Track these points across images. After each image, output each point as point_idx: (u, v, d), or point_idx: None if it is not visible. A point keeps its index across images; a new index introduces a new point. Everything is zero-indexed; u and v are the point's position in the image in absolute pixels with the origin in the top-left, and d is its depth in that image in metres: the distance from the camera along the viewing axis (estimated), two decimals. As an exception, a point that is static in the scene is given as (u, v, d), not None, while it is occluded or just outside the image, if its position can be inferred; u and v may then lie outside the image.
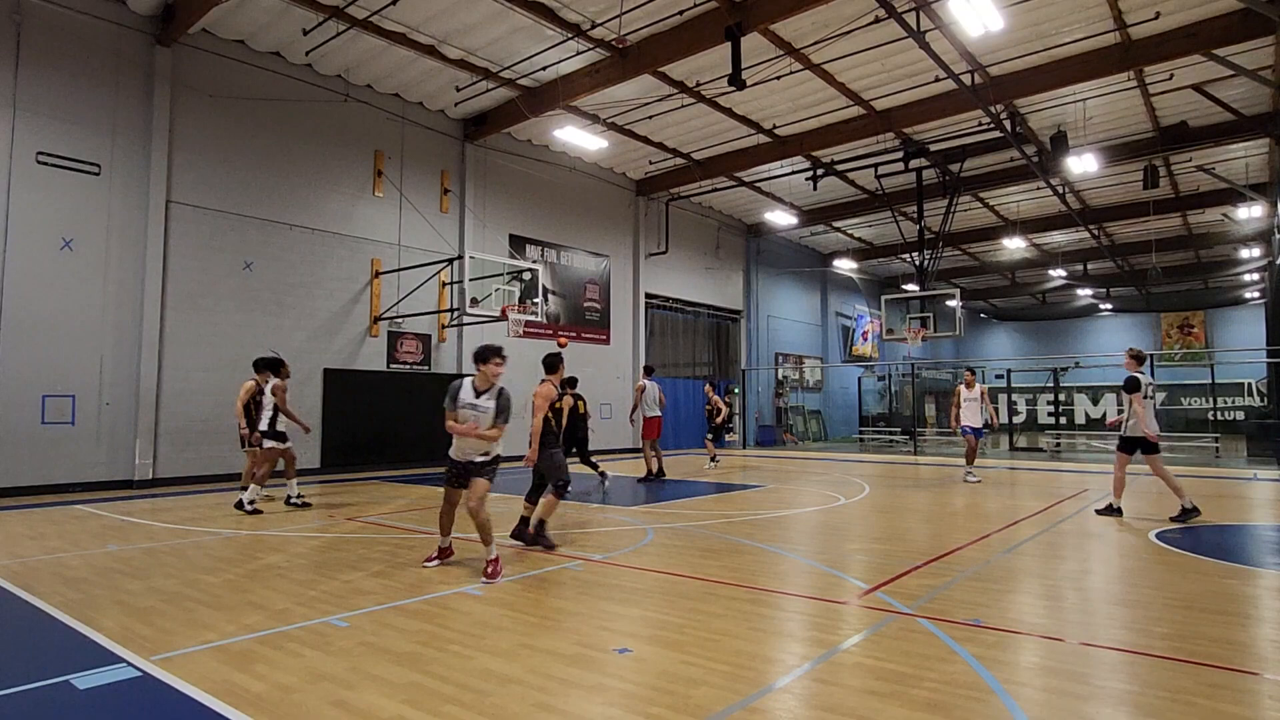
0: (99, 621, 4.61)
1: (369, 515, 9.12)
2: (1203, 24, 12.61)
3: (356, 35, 13.18)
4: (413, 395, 15.97)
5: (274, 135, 14.02)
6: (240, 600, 5.14)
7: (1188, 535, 7.67)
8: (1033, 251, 29.73)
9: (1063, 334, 41.88)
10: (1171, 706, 3.32)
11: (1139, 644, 4.18)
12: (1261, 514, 9.26)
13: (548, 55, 14.00)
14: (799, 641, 4.36)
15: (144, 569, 6.10)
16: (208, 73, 13.16)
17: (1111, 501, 8.84)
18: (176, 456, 12.51)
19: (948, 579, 5.73)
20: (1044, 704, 3.35)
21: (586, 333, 20.31)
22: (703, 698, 3.42)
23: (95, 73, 11.94)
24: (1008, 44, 13.64)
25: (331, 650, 4.09)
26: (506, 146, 18.10)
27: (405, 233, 16.09)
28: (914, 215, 20.88)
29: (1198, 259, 30.51)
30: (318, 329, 14.47)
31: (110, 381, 11.88)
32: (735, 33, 12.00)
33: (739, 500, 10.68)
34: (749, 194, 23.07)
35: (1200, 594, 5.27)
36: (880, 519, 8.99)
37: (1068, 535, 7.71)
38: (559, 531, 7.94)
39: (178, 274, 12.66)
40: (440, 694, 3.48)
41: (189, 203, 12.84)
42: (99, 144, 11.93)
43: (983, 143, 17.95)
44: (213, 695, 3.44)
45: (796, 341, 29.56)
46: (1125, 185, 21.37)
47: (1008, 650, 4.09)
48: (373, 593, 5.34)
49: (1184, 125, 16.93)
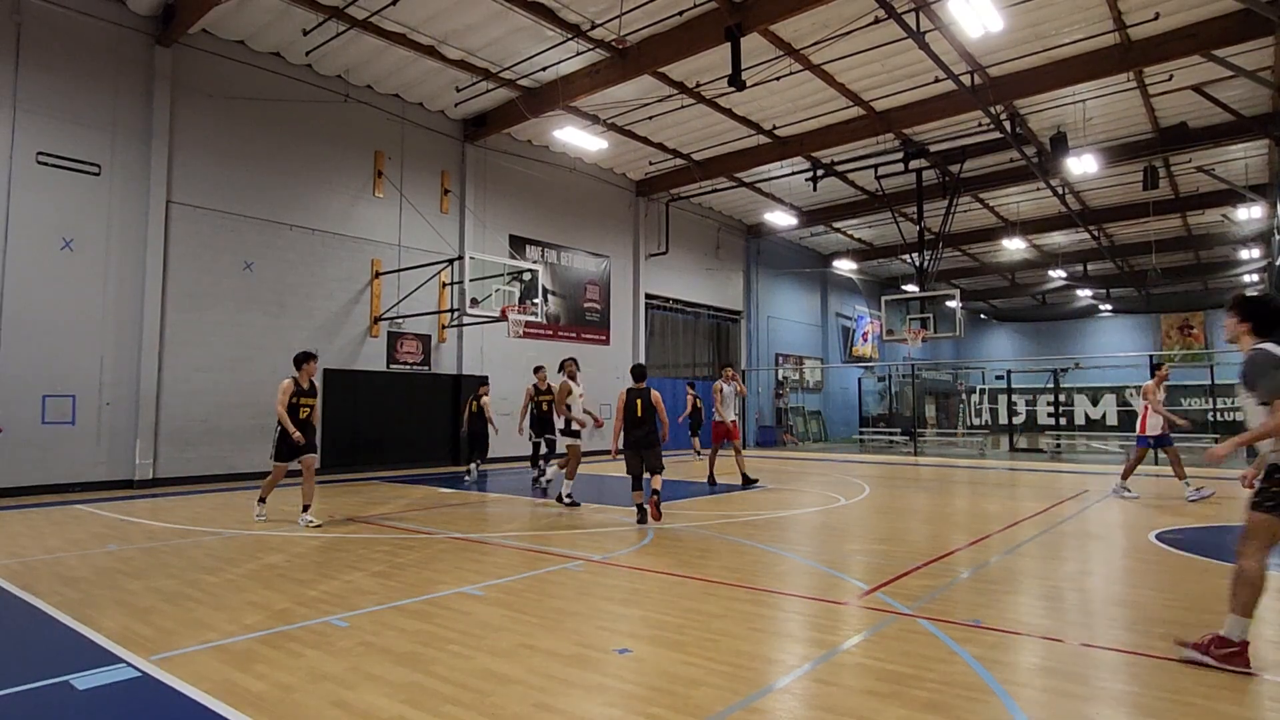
0: (99, 621, 4.61)
1: (369, 515, 9.12)
2: (1202, 25, 12.61)
3: (356, 36, 13.19)
4: (413, 396, 15.98)
5: (274, 135, 14.03)
6: (240, 600, 5.14)
7: (1187, 536, 7.67)
8: (1032, 252, 29.73)
9: (1063, 335, 41.87)
10: (1171, 707, 3.32)
11: (1139, 645, 4.18)
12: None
13: (548, 56, 14.01)
14: (799, 642, 4.36)
15: (144, 569, 6.10)
16: (208, 73, 13.17)
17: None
18: (177, 456, 12.51)
19: (948, 580, 5.73)
20: (1044, 705, 3.35)
21: (586, 333, 20.31)
22: (703, 698, 3.42)
23: (95, 73, 11.95)
24: (1007, 44, 13.64)
25: (332, 650, 4.09)
26: (506, 147, 18.10)
27: (405, 233, 16.09)
28: (914, 216, 20.88)
29: (1197, 260, 30.51)
30: (317, 329, 14.47)
31: (110, 381, 11.88)
32: (735, 33, 12.01)
33: (739, 501, 10.68)
34: (749, 194, 23.07)
35: (1200, 595, 5.27)
36: (880, 520, 8.99)
37: (1068, 536, 7.72)
38: (552, 532, 7.94)
39: (178, 274, 12.67)
40: (440, 694, 3.48)
41: (189, 203, 12.84)
42: (99, 144, 11.93)
43: (983, 143, 17.95)
44: (213, 695, 3.44)
45: (796, 342, 29.56)
46: (1125, 186, 21.36)
47: (1008, 651, 4.09)
48: (373, 593, 5.34)
49: (1184, 126, 16.93)
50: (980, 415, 31.97)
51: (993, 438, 27.16)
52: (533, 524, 8.60)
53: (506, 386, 17.97)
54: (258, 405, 13.42)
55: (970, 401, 33.27)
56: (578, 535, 7.78)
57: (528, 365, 18.50)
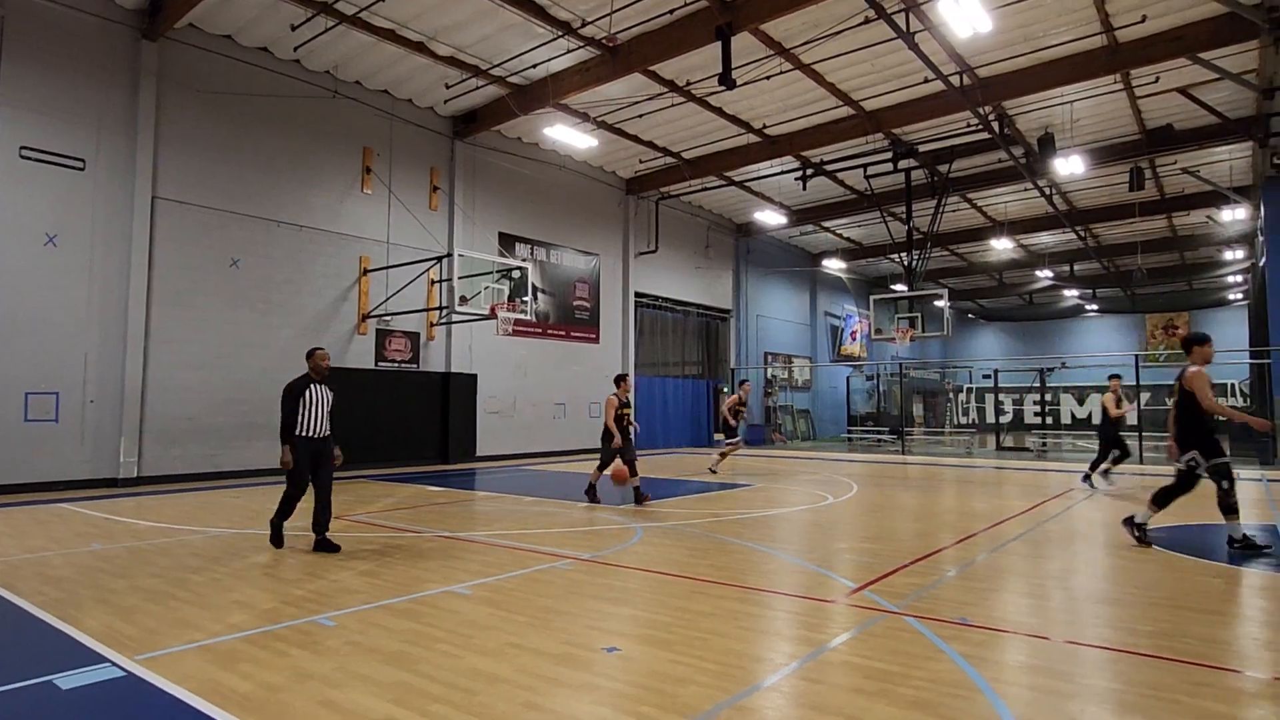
0: (82, 621, 4.57)
1: (356, 514, 9.07)
2: (1189, 27, 12.72)
3: (345, 31, 13.10)
4: (401, 394, 15.91)
5: (262, 131, 13.92)
6: (226, 599, 5.10)
7: (1171, 534, 7.74)
8: (1020, 252, 29.94)
9: (1049, 334, 42.19)
10: (1155, 704, 3.34)
11: (1124, 642, 4.22)
12: (1244, 513, 9.33)
13: (538, 53, 13.97)
14: (787, 640, 4.37)
15: (128, 568, 6.05)
16: (194, 68, 13.05)
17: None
18: (162, 455, 12.41)
19: (935, 578, 5.76)
20: (1030, 702, 3.37)
21: (576, 332, 20.29)
22: (691, 696, 3.42)
23: (80, 67, 11.82)
24: (996, 46, 13.71)
25: (319, 650, 4.06)
26: (496, 144, 18.05)
27: (394, 230, 16.02)
28: (902, 216, 20.98)
29: (1182, 260, 30.80)
30: (305, 326, 14.38)
31: (95, 379, 11.77)
32: (725, 32, 12.01)
33: (727, 499, 10.70)
34: (739, 193, 23.10)
35: (1184, 592, 5.32)
36: (868, 518, 9.02)
37: (1053, 534, 7.77)
38: (541, 530, 7.93)
39: (163, 270, 12.56)
40: (428, 693, 3.47)
41: (175, 199, 12.73)
42: (84, 139, 11.81)
43: (971, 144, 18.04)
44: (198, 695, 3.41)
45: (785, 341, 29.64)
46: (1111, 187, 21.56)
47: (994, 649, 4.11)
48: (360, 591, 5.31)
49: (1169, 128, 17.08)
50: (967, 414, 32.16)
51: (980, 437, 27.33)
52: (521, 523, 8.58)
53: (495, 385, 17.95)
54: (245, 403, 13.34)
55: (957, 400, 33.47)
56: (567, 534, 7.77)
57: (516, 364, 18.54)
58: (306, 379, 6.87)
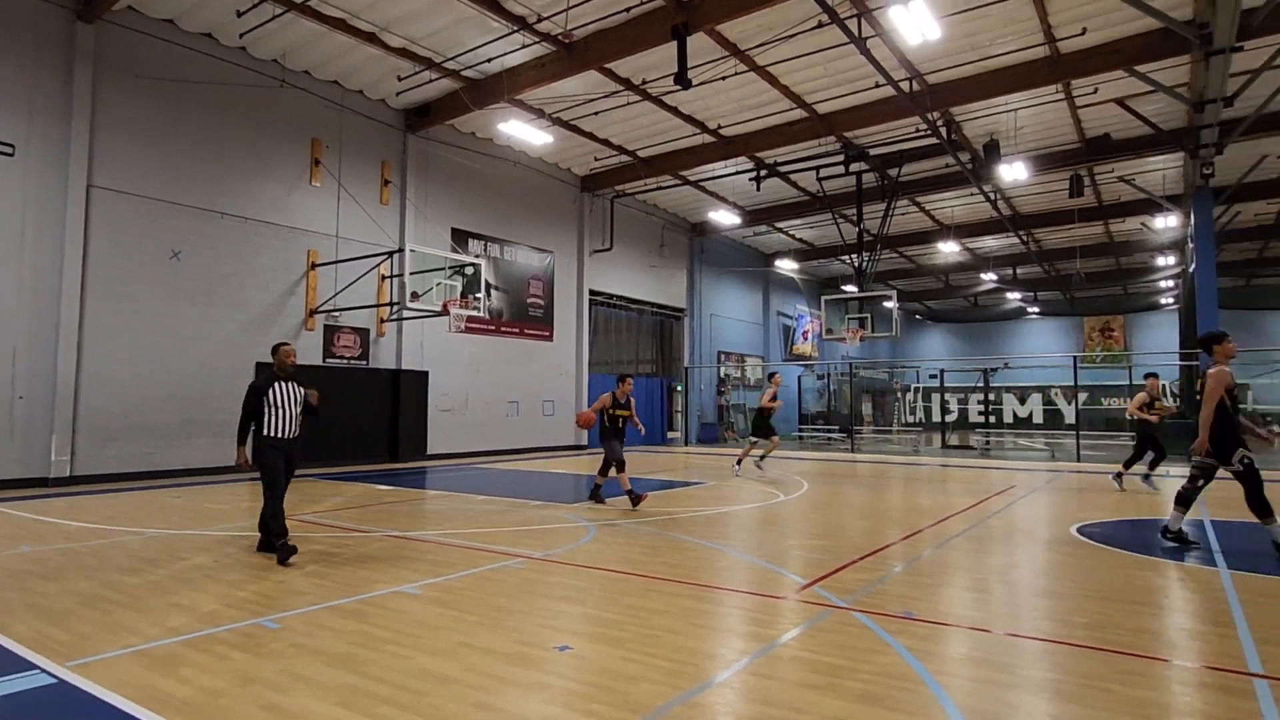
0: (10, 626, 4.38)
1: (303, 514, 8.87)
2: (1126, 41, 13.20)
3: (294, 19, 12.78)
4: (350, 391, 15.59)
5: (205, 119, 13.49)
6: (164, 602, 4.94)
7: (1106, 530, 8.03)
8: (965, 255, 30.79)
9: (993, 336, 43.38)
10: (1089, 693, 3.47)
11: (1060, 634, 4.37)
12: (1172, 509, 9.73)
13: (493, 47, 13.82)
14: (738, 636, 4.41)
15: (59, 570, 5.82)
16: (134, 52, 12.58)
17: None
18: (97, 453, 11.95)
19: (882, 573, 5.87)
20: (971, 693, 3.47)
21: (529, 329, 20.15)
22: (642, 694, 3.43)
23: (10, 48, 11.29)
24: (944, 53, 14.03)
25: (262, 653, 3.96)
26: (450, 139, 17.81)
27: (343, 224, 15.69)
28: (853, 218, 21.35)
29: (1118, 265, 31.96)
30: (250, 321, 13.99)
31: (24, 374, 11.27)
32: (682, 32, 12.05)
33: (680, 497, 10.76)
34: (693, 193, 23.22)
35: (1117, 586, 5.53)
36: (818, 515, 9.16)
37: (995, 530, 8.00)
38: (493, 529, 7.87)
39: (99, 261, 12.09)
40: (376, 695, 3.41)
41: (112, 187, 12.26)
42: (13, 124, 11.29)
43: (920, 149, 18.43)
44: (135, 701, 3.30)
45: (739, 340, 29.90)
46: (1052, 193, 22.29)
47: (938, 642, 4.22)
48: (306, 593, 5.20)
49: (1107, 138, 17.70)
50: (914, 413, 32.85)
51: (926, 435, 27.96)
52: (472, 521, 8.50)
53: (447, 382, 17.72)
54: (185, 399, 12.93)
55: (905, 400, 34.17)
56: (519, 533, 7.72)
57: (468, 361, 18.35)
58: (271, 376, 6.57)
